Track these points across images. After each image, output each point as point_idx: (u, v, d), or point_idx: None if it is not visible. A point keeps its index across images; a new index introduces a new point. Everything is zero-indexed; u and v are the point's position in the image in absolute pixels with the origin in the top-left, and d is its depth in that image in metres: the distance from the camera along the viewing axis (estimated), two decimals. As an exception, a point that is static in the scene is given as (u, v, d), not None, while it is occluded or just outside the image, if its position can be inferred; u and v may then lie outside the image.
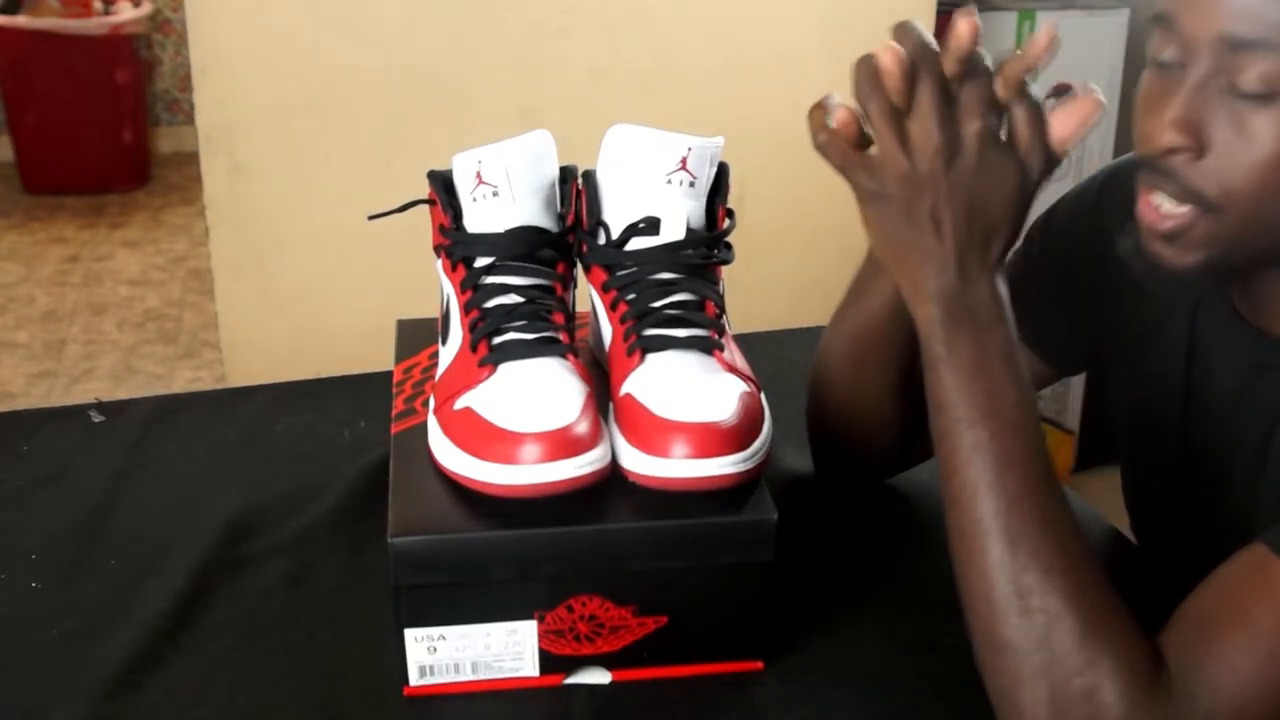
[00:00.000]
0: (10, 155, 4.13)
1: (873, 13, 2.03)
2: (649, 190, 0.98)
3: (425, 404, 1.02)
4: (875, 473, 1.18)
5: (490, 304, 0.97)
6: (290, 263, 1.99)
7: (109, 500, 1.15)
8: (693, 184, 0.99)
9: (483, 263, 0.98)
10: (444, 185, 1.02)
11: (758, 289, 1.65)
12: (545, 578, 0.91)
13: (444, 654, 0.93)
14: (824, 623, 1.01)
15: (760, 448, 0.93)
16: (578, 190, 1.03)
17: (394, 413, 1.04)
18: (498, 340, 0.96)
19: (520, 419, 0.90)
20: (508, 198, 0.98)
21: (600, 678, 0.95)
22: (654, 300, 0.98)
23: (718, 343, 0.97)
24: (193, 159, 2.18)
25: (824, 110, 0.86)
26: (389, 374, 1.11)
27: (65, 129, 4.00)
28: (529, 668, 0.94)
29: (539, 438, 0.88)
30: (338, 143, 1.95)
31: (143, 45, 4.19)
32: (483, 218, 0.99)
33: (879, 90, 0.83)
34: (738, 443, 0.90)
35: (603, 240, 1.01)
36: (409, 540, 0.89)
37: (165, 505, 1.15)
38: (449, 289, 1.01)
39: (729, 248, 1.01)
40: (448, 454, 0.93)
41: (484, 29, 1.94)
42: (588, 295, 1.05)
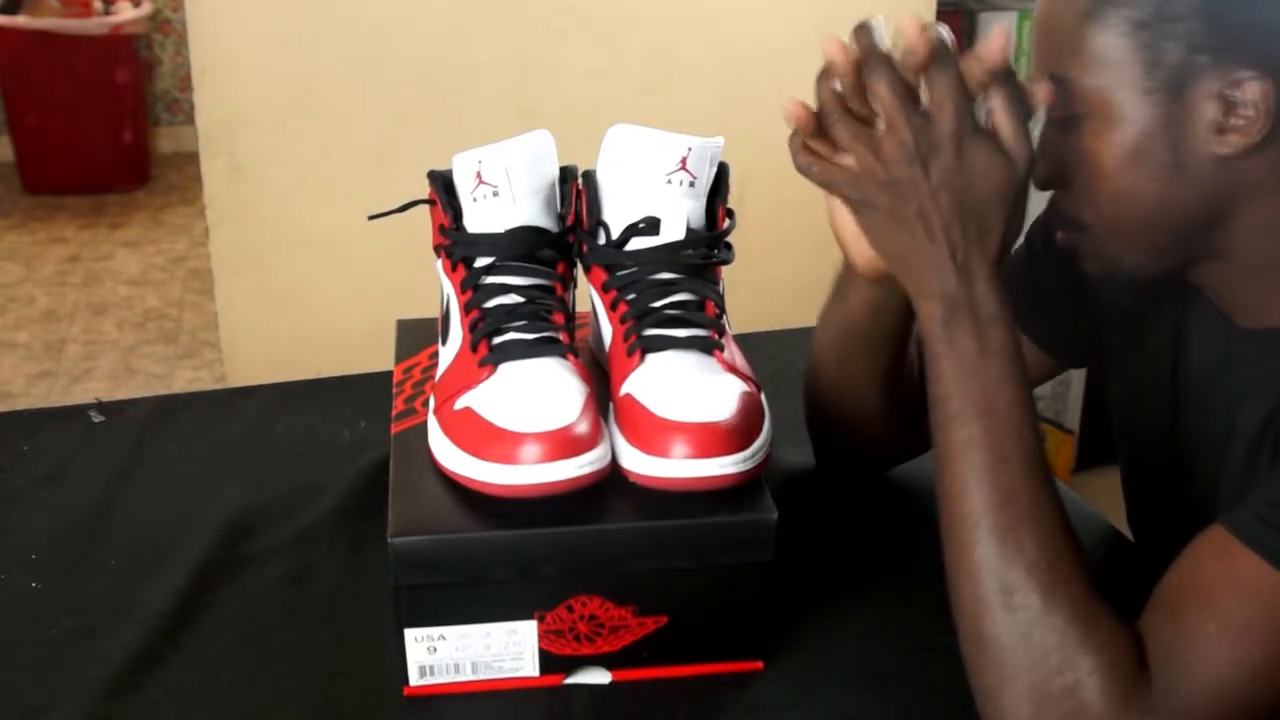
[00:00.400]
0: (10, 155, 4.13)
1: (873, 13, 2.04)
2: (649, 190, 0.98)
3: (425, 404, 1.02)
4: (874, 464, 1.19)
5: (490, 304, 0.97)
6: (290, 262, 1.99)
7: (109, 500, 1.15)
8: (693, 184, 0.99)
9: (483, 263, 0.98)
10: (444, 185, 1.02)
11: (758, 289, 1.65)
12: (545, 578, 0.91)
13: (444, 654, 0.93)
14: (824, 623, 1.01)
15: (760, 448, 0.93)
16: (578, 190, 1.03)
17: (394, 413, 1.04)
18: (498, 340, 0.96)
19: (520, 419, 0.90)
20: (508, 198, 0.98)
21: (600, 678, 0.95)
22: (654, 300, 0.98)
23: (718, 343, 0.97)
24: (193, 159, 2.18)
25: (802, 133, 0.88)
26: (389, 374, 1.11)
27: (65, 129, 4.00)
28: (529, 668, 0.94)
29: (539, 438, 0.88)
30: (337, 143, 1.95)
31: (143, 45, 4.19)
32: (483, 218, 0.99)
33: (841, 105, 0.85)
34: (738, 443, 0.90)
35: (603, 240, 1.01)
36: (409, 540, 0.89)
37: (165, 505, 1.15)
38: (449, 289, 1.01)
39: (729, 248, 1.01)
40: (448, 454, 0.93)
41: (484, 29, 1.94)
42: (588, 295, 1.05)
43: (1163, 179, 0.88)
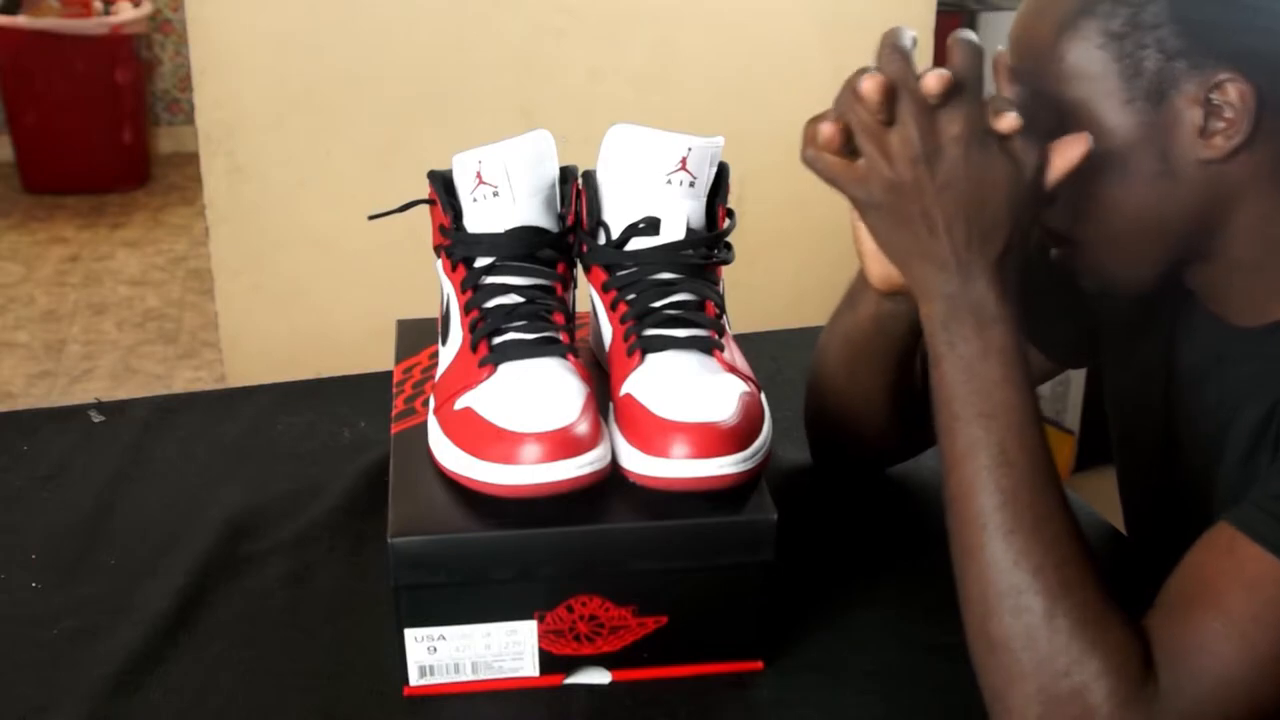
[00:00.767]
0: (10, 155, 4.13)
1: (872, 13, 2.04)
2: (649, 190, 0.98)
3: (425, 404, 1.02)
4: (870, 465, 1.20)
5: (490, 304, 0.97)
6: (290, 262, 1.99)
7: (109, 500, 1.15)
8: (693, 184, 0.99)
9: (483, 263, 0.98)
10: (444, 185, 1.02)
11: (758, 289, 1.65)
12: (545, 578, 0.91)
13: (444, 654, 0.93)
14: (824, 623, 1.01)
15: (760, 448, 0.93)
16: (578, 190, 1.03)
17: (394, 413, 1.04)
18: (498, 340, 0.96)
19: (520, 419, 0.90)
20: (508, 198, 0.98)
21: (600, 678, 0.95)
22: (654, 300, 0.98)
23: (718, 343, 0.97)
24: (193, 159, 2.18)
25: (816, 126, 0.87)
26: (389, 374, 1.11)
27: (65, 129, 4.00)
28: (529, 668, 0.94)
29: (539, 438, 0.88)
30: (337, 143, 1.95)
31: (143, 45, 4.19)
32: (483, 218, 0.99)
33: (859, 105, 0.84)
34: (738, 443, 0.90)
35: (603, 240, 1.01)
36: (409, 540, 0.89)
37: (165, 505, 1.15)
38: (449, 289, 1.01)
39: (729, 248, 1.01)
40: (448, 454, 0.93)
41: (484, 29, 1.94)
42: (588, 295, 1.05)
43: (1151, 188, 0.88)
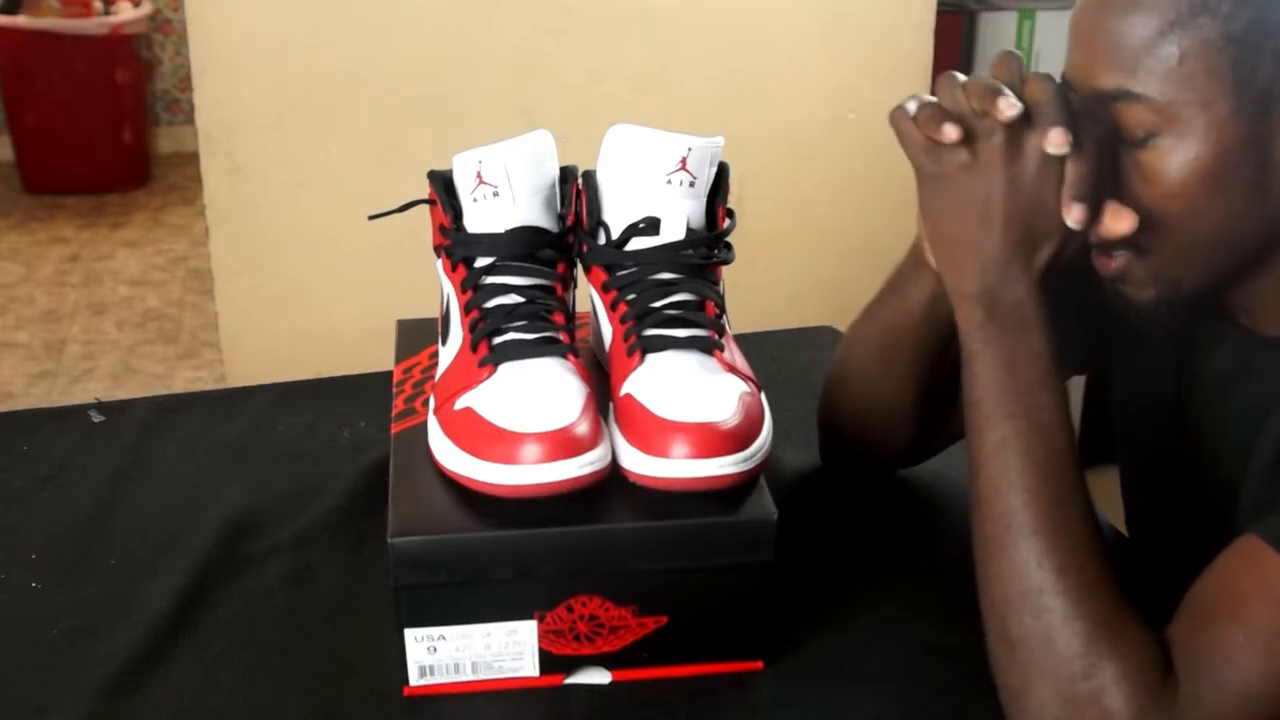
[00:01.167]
0: (10, 155, 4.13)
1: (872, 13, 2.04)
2: (649, 190, 0.98)
3: (425, 404, 1.02)
4: (882, 466, 1.19)
5: (490, 304, 0.97)
6: (290, 262, 1.99)
7: (109, 500, 1.15)
8: (693, 184, 0.99)
9: (483, 263, 0.98)
10: (444, 185, 1.02)
11: (758, 289, 1.65)
12: (545, 578, 0.91)
13: (444, 654, 0.93)
14: (824, 623, 1.01)
15: (760, 448, 0.93)
16: (578, 190, 1.03)
17: (394, 413, 1.04)
18: (498, 340, 0.96)
19: (520, 419, 0.90)
20: (508, 198, 0.98)
21: (600, 678, 0.95)
22: (654, 300, 0.98)
23: (718, 343, 0.97)
24: (193, 159, 2.18)
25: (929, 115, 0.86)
26: (389, 374, 1.11)
27: (65, 129, 4.00)
28: (529, 668, 0.94)
29: (539, 438, 0.88)
30: (337, 143, 1.95)
31: (143, 45, 4.19)
32: (483, 218, 0.99)
33: (960, 92, 0.85)
34: (738, 443, 0.90)
35: (603, 240, 1.01)
36: (409, 540, 0.89)
37: (165, 505, 1.15)
38: (449, 289, 1.01)
39: (729, 248, 1.01)
40: (448, 454, 0.93)
41: (484, 29, 1.94)
42: (588, 295, 1.05)
43: (1242, 198, 0.86)
